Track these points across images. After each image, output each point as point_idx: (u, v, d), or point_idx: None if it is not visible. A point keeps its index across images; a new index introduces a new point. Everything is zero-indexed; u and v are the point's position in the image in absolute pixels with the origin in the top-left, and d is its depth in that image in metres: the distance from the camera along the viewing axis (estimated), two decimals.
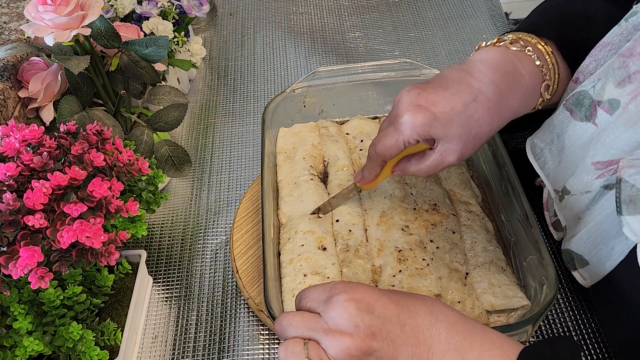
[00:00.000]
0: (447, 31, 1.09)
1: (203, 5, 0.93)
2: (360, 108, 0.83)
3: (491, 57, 0.55)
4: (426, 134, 0.52)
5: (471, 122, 0.52)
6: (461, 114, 0.51)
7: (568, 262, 0.59)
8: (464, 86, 0.53)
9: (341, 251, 0.65)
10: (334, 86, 0.80)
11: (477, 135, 0.53)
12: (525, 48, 0.56)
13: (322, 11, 1.17)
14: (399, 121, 0.53)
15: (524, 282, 0.61)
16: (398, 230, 0.65)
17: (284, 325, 0.44)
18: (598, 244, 0.54)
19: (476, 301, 0.60)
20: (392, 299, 0.44)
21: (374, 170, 0.60)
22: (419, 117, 0.51)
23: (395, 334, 0.42)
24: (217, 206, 0.80)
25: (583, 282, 0.58)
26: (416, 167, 0.57)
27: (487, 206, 0.72)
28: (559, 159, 0.57)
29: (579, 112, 0.53)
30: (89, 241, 0.46)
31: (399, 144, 0.54)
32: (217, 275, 0.72)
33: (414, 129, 0.52)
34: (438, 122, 0.51)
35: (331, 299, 0.43)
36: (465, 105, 0.52)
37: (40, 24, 0.61)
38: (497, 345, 0.42)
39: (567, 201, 0.57)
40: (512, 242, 0.65)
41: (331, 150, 0.77)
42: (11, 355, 0.50)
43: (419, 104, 0.52)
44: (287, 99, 0.79)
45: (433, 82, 0.55)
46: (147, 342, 0.66)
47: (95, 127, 0.56)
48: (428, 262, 0.62)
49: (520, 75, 0.55)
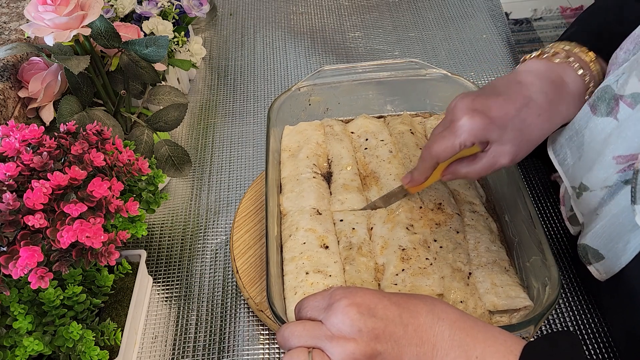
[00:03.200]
0: (447, 31, 1.09)
1: (203, 5, 0.93)
2: (365, 107, 0.83)
3: (536, 68, 0.58)
4: (482, 136, 0.55)
5: (524, 126, 0.55)
6: (515, 119, 0.55)
7: (583, 257, 0.60)
8: (516, 93, 0.56)
9: (344, 249, 0.65)
10: (340, 85, 0.80)
11: (529, 139, 0.56)
12: (568, 59, 0.58)
13: (322, 11, 1.17)
14: (456, 125, 0.55)
15: (527, 282, 0.61)
16: (402, 229, 0.65)
17: (287, 336, 0.44)
18: (614, 237, 0.54)
19: (479, 301, 0.60)
20: (393, 300, 0.44)
21: (425, 173, 0.62)
22: (476, 120, 0.54)
23: (398, 335, 0.42)
24: (217, 206, 0.80)
25: (598, 277, 0.59)
26: (467, 169, 0.60)
27: (491, 206, 0.72)
28: (579, 155, 0.57)
29: (601, 107, 0.54)
30: (89, 241, 0.46)
31: (455, 146, 0.56)
32: (217, 275, 0.72)
33: (471, 132, 0.55)
34: (494, 125, 0.54)
35: (332, 305, 0.43)
36: (518, 110, 0.55)
37: (40, 24, 0.61)
38: (500, 341, 0.42)
39: (584, 197, 0.58)
40: (516, 242, 0.65)
41: (335, 149, 0.77)
42: (11, 355, 0.50)
43: (475, 108, 0.55)
44: (293, 97, 0.79)
45: (485, 90, 0.58)
46: (147, 342, 0.66)
47: (95, 127, 0.56)
48: (431, 261, 0.62)
49: (565, 84, 0.57)
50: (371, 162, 0.75)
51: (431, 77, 0.79)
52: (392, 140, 0.77)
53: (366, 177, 0.74)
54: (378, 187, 0.72)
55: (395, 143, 0.77)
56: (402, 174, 0.72)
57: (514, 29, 1.09)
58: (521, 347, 0.41)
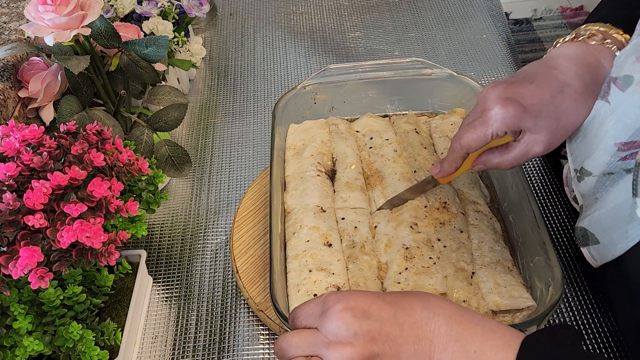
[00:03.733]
0: (447, 31, 1.09)
1: (203, 5, 0.93)
2: (370, 106, 0.83)
3: (572, 52, 0.56)
4: (515, 125, 0.53)
5: (559, 113, 0.53)
6: (549, 105, 0.52)
7: (579, 239, 0.59)
8: (550, 79, 0.53)
9: (347, 247, 0.65)
10: (345, 84, 0.81)
11: (564, 126, 0.54)
12: (604, 40, 0.56)
13: (322, 11, 1.17)
14: (488, 114, 0.54)
15: (530, 283, 0.61)
16: (406, 228, 0.65)
17: (284, 347, 0.44)
18: (612, 225, 0.54)
19: (481, 301, 0.60)
20: (386, 300, 0.44)
21: (455, 163, 0.61)
22: (509, 109, 0.52)
23: (395, 334, 0.42)
24: (217, 206, 0.80)
25: (592, 262, 0.58)
26: (500, 159, 0.57)
27: (495, 206, 0.72)
28: (583, 136, 0.57)
29: (599, 89, 0.53)
30: (89, 241, 0.46)
31: (487, 136, 0.54)
32: (217, 275, 0.72)
33: (503, 121, 0.53)
34: (527, 113, 0.52)
35: (326, 312, 0.43)
36: (552, 97, 0.52)
37: (40, 24, 0.61)
38: (499, 335, 0.41)
39: (586, 181, 0.57)
40: (519, 242, 0.65)
41: (340, 148, 0.77)
42: (11, 355, 0.50)
43: (507, 97, 0.53)
44: (298, 95, 0.79)
45: (517, 77, 0.55)
46: (147, 342, 0.66)
47: (95, 127, 0.56)
48: (435, 260, 0.63)
49: (602, 67, 0.55)
50: (376, 161, 0.75)
51: (436, 76, 0.79)
52: (397, 140, 0.77)
53: (370, 177, 0.74)
54: (382, 187, 0.72)
55: (400, 142, 0.77)
56: (407, 173, 0.72)
57: (514, 29, 1.09)
58: (520, 340, 0.41)
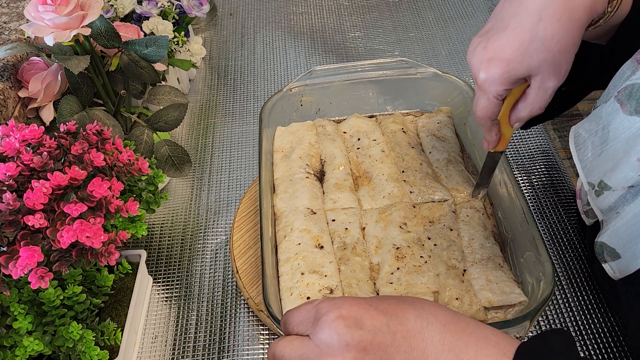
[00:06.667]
0: (447, 31, 1.09)
1: (203, 5, 0.93)
2: (357, 107, 0.83)
3: None
4: (510, 79, 0.51)
5: (547, 42, 0.50)
6: (533, 42, 0.50)
7: (599, 255, 0.59)
8: (523, 13, 0.50)
9: (338, 249, 0.65)
10: (331, 85, 0.80)
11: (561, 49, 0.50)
12: None
13: (322, 11, 1.17)
14: (478, 82, 0.53)
15: (521, 278, 0.61)
16: (396, 228, 0.65)
17: (277, 357, 0.44)
18: (634, 238, 0.53)
19: (474, 298, 0.60)
20: (380, 308, 0.43)
21: (491, 134, 0.60)
22: (493, 71, 0.51)
23: (386, 344, 0.42)
24: (217, 206, 0.80)
25: (613, 275, 0.58)
26: (526, 110, 0.55)
27: (484, 204, 0.72)
28: (600, 150, 0.56)
29: (630, 105, 0.52)
30: (89, 241, 0.46)
31: (492, 101, 0.54)
32: (217, 275, 0.72)
33: (494, 83, 0.52)
34: (514, 63, 0.50)
35: (319, 320, 0.43)
36: (531, 31, 0.50)
37: (40, 24, 0.61)
38: (493, 343, 0.41)
39: (605, 196, 0.56)
40: (509, 239, 0.65)
41: (328, 149, 0.77)
42: (11, 355, 0.50)
43: (488, 58, 0.51)
44: (284, 98, 0.79)
45: (492, 26, 0.53)
46: (147, 342, 0.66)
47: (95, 127, 0.56)
48: (426, 259, 0.63)
49: None
50: (364, 162, 0.75)
51: (422, 75, 0.79)
52: (385, 140, 0.77)
53: (358, 177, 0.74)
54: (370, 187, 0.72)
55: (387, 142, 0.77)
56: (395, 173, 0.73)
57: None
58: (514, 348, 0.41)
